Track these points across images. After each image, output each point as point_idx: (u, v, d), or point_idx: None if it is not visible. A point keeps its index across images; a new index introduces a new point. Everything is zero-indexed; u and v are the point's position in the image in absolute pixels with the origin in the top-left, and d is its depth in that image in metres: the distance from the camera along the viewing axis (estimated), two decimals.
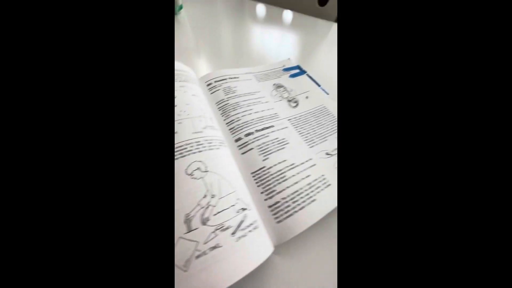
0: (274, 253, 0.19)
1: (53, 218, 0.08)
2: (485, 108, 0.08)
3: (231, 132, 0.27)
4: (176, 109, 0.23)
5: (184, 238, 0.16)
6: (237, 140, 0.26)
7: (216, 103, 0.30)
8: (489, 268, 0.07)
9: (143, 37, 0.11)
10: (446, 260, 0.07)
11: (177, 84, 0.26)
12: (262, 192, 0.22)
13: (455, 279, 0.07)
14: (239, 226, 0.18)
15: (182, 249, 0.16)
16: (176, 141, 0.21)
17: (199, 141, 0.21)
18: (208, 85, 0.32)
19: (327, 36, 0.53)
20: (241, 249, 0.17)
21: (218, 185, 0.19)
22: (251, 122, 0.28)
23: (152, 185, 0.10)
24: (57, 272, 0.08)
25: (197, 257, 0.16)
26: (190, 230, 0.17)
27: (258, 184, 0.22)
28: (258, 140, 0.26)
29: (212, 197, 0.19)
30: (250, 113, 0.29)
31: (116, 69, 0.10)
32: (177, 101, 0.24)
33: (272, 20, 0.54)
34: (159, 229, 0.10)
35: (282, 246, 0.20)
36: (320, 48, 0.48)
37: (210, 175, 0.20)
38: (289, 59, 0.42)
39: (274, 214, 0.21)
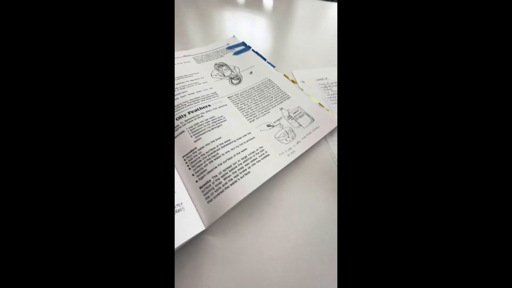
0: (208, 233, 0.18)
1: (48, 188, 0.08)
2: (484, 107, 0.07)
3: None
4: None
5: None
6: None
7: None
8: (489, 268, 0.07)
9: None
10: (445, 260, 0.07)
11: None
12: (193, 174, 0.21)
13: (455, 279, 0.07)
14: None
15: None
16: None
17: None
18: None
19: (270, 12, 0.50)
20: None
21: None
22: (183, 105, 0.26)
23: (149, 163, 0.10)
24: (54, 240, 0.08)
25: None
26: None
27: (189, 166, 0.21)
28: (190, 122, 0.24)
29: None
30: (184, 95, 0.27)
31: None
32: None
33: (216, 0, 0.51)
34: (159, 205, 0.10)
35: (217, 226, 0.19)
36: (261, 24, 0.46)
37: None
38: (233, 36, 0.40)
39: (205, 194, 0.19)
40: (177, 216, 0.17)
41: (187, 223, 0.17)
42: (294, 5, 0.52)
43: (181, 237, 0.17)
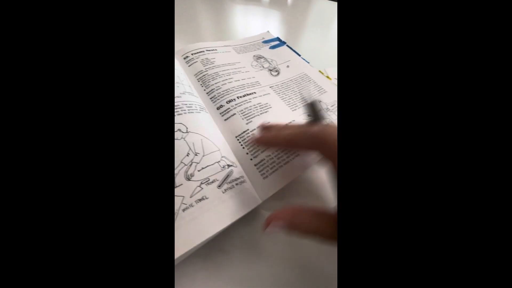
0: (262, 207, 0.20)
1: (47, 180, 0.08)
2: (484, 106, 0.07)
3: (212, 100, 0.26)
4: None
5: None
6: (218, 108, 0.26)
7: (195, 74, 0.29)
8: (489, 268, 0.07)
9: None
10: (445, 260, 0.07)
11: None
12: (247, 153, 0.22)
13: (454, 279, 0.07)
14: (225, 179, 0.18)
15: None
16: None
17: (177, 105, 0.21)
18: (185, 58, 0.31)
19: (307, 12, 0.52)
20: (228, 199, 0.17)
21: (201, 144, 0.19)
22: (232, 90, 0.27)
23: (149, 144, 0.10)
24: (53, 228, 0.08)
25: (184, 210, 0.16)
26: (175, 187, 0.16)
27: (243, 146, 0.22)
28: (240, 106, 0.26)
29: (195, 155, 0.18)
30: (231, 82, 0.29)
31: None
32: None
33: None
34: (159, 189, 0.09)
35: (269, 202, 0.20)
36: (300, 22, 0.48)
37: (191, 135, 0.19)
38: (268, 31, 0.41)
39: (260, 171, 0.21)
40: (239, 188, 0.19)
41: (249, 194, 0.19)
42: (322, 4, 0.54)
43: (240, 210, 0.17)
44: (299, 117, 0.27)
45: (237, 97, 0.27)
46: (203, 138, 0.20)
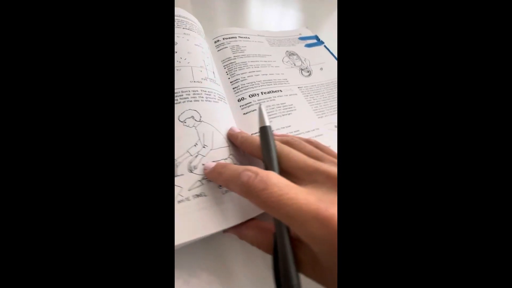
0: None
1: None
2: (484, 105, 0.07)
3: (234, 91, 0.25)
4: (176, 55, 0.21)
5: None
6: (240, 100, 0.24)
7: (222, 61, 0.27)
8: (489, 268, 0.07)
9: None
10: (445, 260, 0.07)
11: (180, 31, 0.24)
12: None
13: (454, 280, 0.07)
14: None
15: None
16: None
17: (196, 91, 0.20)
18: (216, 41, 0.30)
19: None
20: (227, 202, 0.15)
21: (211, 137, 0.18)
22: (257, 84, 0.26)
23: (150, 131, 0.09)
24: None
25: (179, 201, 0.14)
26: (175, 176, 0.15)
27: None
28: (263, 102, 0.24)
29: (203, 147, 0.17)
30: (258, 75, 0.27)
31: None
32: (177, 48, 0.22)
33: None
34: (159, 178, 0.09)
35: None
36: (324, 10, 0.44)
37: (203, 125, 0.18)
38: (306, 27, 0.38)
39: None
40: None
41: (247, 203, 0.17)
42: None
43: (238, 217, 0.16)
44: (324, 126, 0.24)
45: (261, 93, 0.25)
46: (215, 131, 0.18)
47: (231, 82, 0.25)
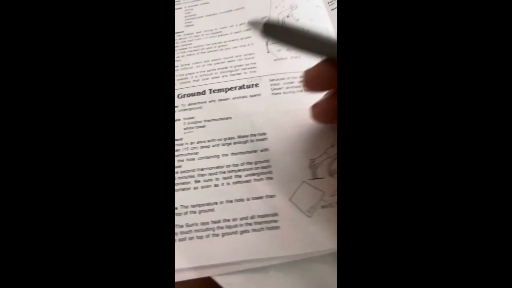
0: None
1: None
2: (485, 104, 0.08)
3: None
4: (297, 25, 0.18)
5: (308, 184, 0.15)
6: None
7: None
8: (489, 268, 0.07)
9: None
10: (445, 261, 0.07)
11: None
12: None
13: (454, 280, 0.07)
14: None
15: (305, 194, 0.15)
16: None
17: None
18: None
19: None
20: None
21: None
22: None
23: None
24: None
25: (323, 207, 0.15)
26: (315, 177, 0.15)
27: None
28: None
29: None
30: None
31: None
32: (298, 13, 0.19)
33: None
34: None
35: None
36: None
37: None
38: None
39: None
40: None
41: None
42: None
43: None
44: None
45: None
46: None
47: None
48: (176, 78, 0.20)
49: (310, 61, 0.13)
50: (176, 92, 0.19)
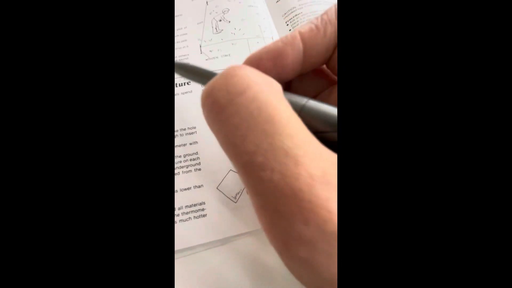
0: None
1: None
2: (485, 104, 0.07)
3: None
4: (228, 26, 0.19)
5: (234, 172, 0.16)
6: None
7: (283, 14, 0.22)
8: (489, 268, 0.07)
9: None
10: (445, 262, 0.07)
11: None
12: None
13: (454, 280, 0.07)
14: None
15: (232, 181, 0.16)
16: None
17: None
18: None
19: None
20: None
21: None
22: None
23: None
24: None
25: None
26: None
27: None
28: None
29: None
30: None
31: None
32: (230, 16, 0.20)
33: None
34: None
35: None
36: None
37: None
38: None
39: None
40: None
41: None
42: None
43: None
44: None
45: None
46: None
47: None
48: None
49: (239, 60, 0.14)
50: None
